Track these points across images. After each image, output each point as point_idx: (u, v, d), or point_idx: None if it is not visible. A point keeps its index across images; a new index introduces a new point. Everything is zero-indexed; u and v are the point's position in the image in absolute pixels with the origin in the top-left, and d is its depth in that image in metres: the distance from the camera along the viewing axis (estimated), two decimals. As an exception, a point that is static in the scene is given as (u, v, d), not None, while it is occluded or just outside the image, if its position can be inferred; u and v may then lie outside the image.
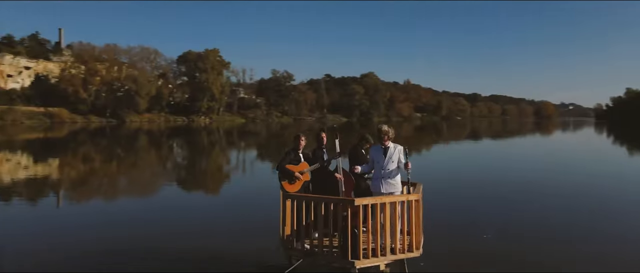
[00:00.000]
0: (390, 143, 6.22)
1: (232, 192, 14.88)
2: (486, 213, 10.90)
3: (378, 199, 5.73)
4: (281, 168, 6.35)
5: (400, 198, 5.97)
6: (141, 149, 34.21)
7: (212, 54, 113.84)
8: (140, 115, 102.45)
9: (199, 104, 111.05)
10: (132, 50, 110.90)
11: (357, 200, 5.56)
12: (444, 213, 10.21)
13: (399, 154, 6.19)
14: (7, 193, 14.17)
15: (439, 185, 13.19)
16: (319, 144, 6.69)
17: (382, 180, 6.14)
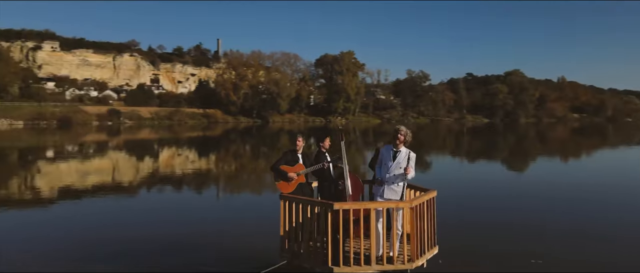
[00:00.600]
0: (403, 148, 5.83)
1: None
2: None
3: (361, 204, 5.53)
4: (275, 168, 6.30)
5: (388, 204, 5.58)
6: (283, 147, 35.82)
7: (347, 56, 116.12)
8: (282, 115, 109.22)
9: (335, 105, 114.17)
10: (275, 55, 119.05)
11: (336, 204, 5.30)
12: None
13: (408, 161, 5.76)
14: (179, 183, 15.77)
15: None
16: (320, 148, 6.56)
17: (385, 185, 5.80)
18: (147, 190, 14.86)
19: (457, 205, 10.96)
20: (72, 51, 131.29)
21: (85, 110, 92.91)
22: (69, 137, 48.44)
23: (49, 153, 29.61)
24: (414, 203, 5.57)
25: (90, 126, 79.33)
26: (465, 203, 11.60)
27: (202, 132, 60.49)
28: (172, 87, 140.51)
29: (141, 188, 14.97)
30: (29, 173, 19.27)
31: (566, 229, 8.79)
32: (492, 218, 9.84)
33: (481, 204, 11.63)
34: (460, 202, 11.54)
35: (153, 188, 15.11)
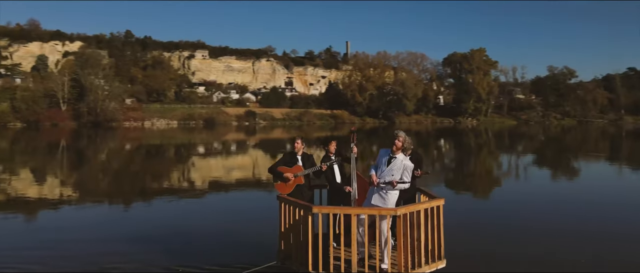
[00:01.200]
0: (399, 155, 5.49)
1: (502, 197, 13.05)
2: None
3: (342, 209, 5.44)
4: (272, 170, 6.29)
5: (369, 211, 5.30)
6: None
7: (477, 54, 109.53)
8: (408, 116, 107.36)
9: (464, 105, 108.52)
10: (400, 55, 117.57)
11: (315, 208, 5.16)
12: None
13: (403, 170, 5.38)
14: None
15: None
16: (327, 151, 6.52)
17: (375, 190, 5.48)
18: None
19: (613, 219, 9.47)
20: (219, 58, 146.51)
21: (226, 111, 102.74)
22: (213, 136, 53.94)
23: (200, 150, 33.35)
24: (399, 211, 5.15)
25: (231, 126, 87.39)
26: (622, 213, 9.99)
27: (329, 132, 62.40)
28: (305, 89, 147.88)
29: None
30: (185, 167, 21.85)
31: None
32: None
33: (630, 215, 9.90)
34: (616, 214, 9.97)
35: None
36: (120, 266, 6.39)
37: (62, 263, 6.52)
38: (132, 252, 7.11)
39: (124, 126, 78.15)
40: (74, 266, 6.40)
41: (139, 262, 6.53)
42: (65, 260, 6.69)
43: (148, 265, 6.39)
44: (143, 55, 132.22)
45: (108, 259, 6.69)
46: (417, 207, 5.44)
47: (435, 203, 5.59)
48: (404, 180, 5.34)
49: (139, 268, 6.28)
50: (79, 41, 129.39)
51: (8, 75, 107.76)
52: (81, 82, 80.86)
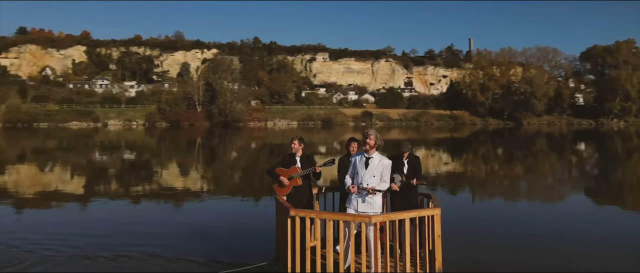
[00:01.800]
0: (375, 154, 5.32)
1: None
2: None
3: (318, 214, 5.25)
4: (270, 171, 6.23)
5: (346, 217, 5.12)
6: (540, 152, 31.97)
7: (624, 46, 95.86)
8: (538, 117, 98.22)
9: (608, 105, 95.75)
10: (528, 51, 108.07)
11: (292, 211, 5.07)
12: None
13: (382, 169, 5.26)
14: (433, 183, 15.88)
15: None
16: (347, 152, 6.25)
17: (357, 196, 5.29)
18: None
19: None
20: (338, 60, 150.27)
21: (343, 112, 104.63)
22: (331, 135, 55.35)
23: (322, 149, 34.35)
24: (374, 219, 4.86)
25: (347, 126, 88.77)
26: None
27: (449, 134, 59.88)
28: (425, 89, 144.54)
29: None
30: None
31: None
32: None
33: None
34: None
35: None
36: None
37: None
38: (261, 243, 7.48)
39: (249, 126, 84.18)
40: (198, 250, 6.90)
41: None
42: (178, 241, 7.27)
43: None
44: (269, 59, 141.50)
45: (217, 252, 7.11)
46: (401, 215, 5.15)
47: (426, 213, 5.29)
48: (382, 187, 5.21)
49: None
50: (214, 48, 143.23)
51: (159, 81, 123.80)
52: (213, 86, 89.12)
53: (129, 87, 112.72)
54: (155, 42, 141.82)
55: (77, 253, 6.86)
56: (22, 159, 25.39)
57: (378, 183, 5.24)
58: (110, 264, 6.38)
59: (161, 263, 6.39)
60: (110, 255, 6.73)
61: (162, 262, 6.44)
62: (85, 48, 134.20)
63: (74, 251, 6.96)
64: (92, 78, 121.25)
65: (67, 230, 8.32)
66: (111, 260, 6.53)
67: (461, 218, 9.68)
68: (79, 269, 6.20)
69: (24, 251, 6.96)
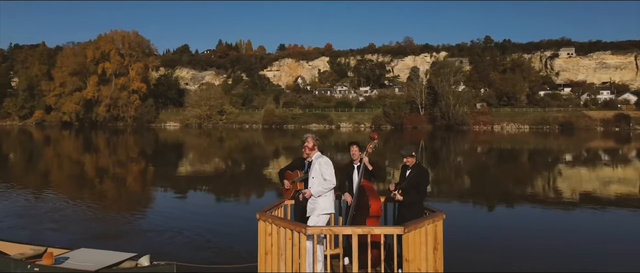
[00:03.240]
0: (314, 156, 5.40)
1: None
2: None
3: (273, 220, 4.93)
4: (280, 173, 6.26)
5: (289, 225, 4.75)
6: None
7: None
8: None
9: None
10: None
11: (258, 213, 5.07)
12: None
13: (320, 168, 5.23)
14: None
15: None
16: (351, 159, 5.98)
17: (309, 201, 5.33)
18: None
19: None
20: (588, 55, 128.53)
21: (589, 115, 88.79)
22: (573, 142, 48.23)
23: (568, 157, 30.53)
24: (312, 231, 4.64)
25: (594, 131, 75.19)
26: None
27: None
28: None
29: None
30: (550, 175, 20.75)
31: None
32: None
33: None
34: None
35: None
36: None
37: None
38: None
39: (473, 129, 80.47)
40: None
41: None
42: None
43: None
44: (502, 59, 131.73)
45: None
46: (343, 230, 4.86)
47: (392, 231, 4.71)
48: (322, 188, 5.10)
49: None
50: (443, 51, 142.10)
51: (390, 85, 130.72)
52: (435, 89, 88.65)
53: (363, 92, 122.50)
54: (386, 48, 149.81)
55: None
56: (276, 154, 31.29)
57: (319, 183, 5.16)
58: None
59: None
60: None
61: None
62: (328, 58, 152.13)
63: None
64: (333, 85, 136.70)
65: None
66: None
67: None
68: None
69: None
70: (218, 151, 34.91)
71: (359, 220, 5.47)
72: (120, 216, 10.36)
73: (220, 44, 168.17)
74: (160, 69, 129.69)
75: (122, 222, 9.74)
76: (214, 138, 52.91)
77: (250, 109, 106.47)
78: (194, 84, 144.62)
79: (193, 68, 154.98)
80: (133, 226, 9.37)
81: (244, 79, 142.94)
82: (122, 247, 6.81)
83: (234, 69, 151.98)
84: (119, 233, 8.59)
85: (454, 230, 7.84)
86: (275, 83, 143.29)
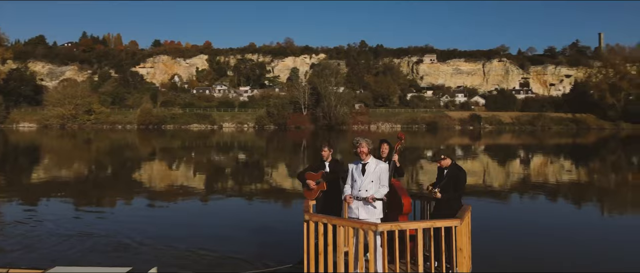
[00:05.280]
0: (371, 160, 5.35)
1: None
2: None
3: (328, 219, 5.15)
4: (299, 176, 6.42)
5: (354, 224, 5.06)
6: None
7: None
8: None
9: None
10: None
11: (307, 215, 5.23)
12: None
13: (380, 173, 5.30)
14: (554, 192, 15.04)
15: None
16: (378, 155, 6.02)
17: (358, 204, 5.31)
18: (520, 196, 14.44)
19: None
20: (447, 62, 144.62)
21: (449, 115, 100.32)
22: (437, 140, 53.48)
23: (429, 153, 33.29)
24: (380, 228, 4.82)
25: (453, 130, 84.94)
26: None
27: (572, 139, 54.22)
28: (544, 90, 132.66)
29: (514, 194, 14.76)
30: (413, 170, 21.97)
31: None
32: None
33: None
34: None
35: (525, 195, 14.56)
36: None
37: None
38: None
39: (352, 129, 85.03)
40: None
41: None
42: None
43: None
44: (375, 62, 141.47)
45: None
46: (412, 225, 5.10)
47: (441, 224, 5.11)
48: (381, 193, 5.24)
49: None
50: (322, 53, 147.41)
51: (270, 86, 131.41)
52: (318, 90, 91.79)
53: (243, 92, 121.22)
54: (267, 48, 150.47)
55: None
56: (153, 156, 29.36)
57: (377, 188, 5.29)
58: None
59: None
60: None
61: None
62: (207, 57, 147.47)
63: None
64: (212, 84, 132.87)
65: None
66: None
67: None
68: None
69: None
70: (84, 154, 31.61)
71: (391, 218, 5.71)
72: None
73: (85, 36, 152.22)
74: (7, 62, 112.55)
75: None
76: (79, 140, 47.71)
77: (123, 108, 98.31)
78: (52, 79, 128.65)
79: (50, 62, 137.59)
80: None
81: (113, 76, 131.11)
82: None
83: (100, 65, 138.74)
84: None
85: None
86: (149, 81, 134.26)
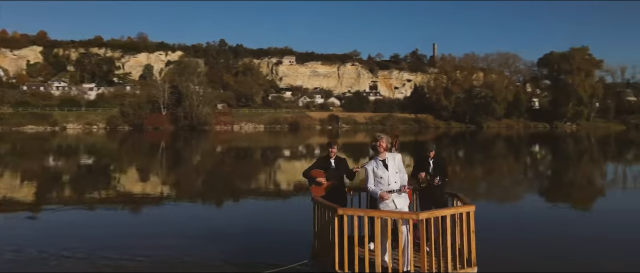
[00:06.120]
0: (389, 154, 5.69)
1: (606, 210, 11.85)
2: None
3: (365, 212, 5.61)
4: (306, 174, 6.56)
5: (394, 215, 5.39)
6: (499, 156, 33.27)
7: (578, 53, 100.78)
8: (498, 120, 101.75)
9: (562, 109, 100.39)
10: (490, 57, 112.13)
11: (340, 210, 5.34)
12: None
13: (399, 163, 5.66)
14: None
15: None
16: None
17: (391, 197, 5.54)
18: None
19: None
20: (305, 64, 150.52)
21: (311, 115, 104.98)
22: (298, 139, 55.45)
23: (286, 153, 34.52)
24: (421, 215, 5.26)
25: (314, 130, 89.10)
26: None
27: (413, 137, 61.18)
28: (389, 93, 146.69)
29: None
30: (271, 169, 22.76)
31: None
32: None
33: None
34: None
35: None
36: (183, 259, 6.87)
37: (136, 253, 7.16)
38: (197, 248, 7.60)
39: (215, 129, 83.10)
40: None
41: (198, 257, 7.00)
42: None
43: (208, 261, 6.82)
44: (235, 62, 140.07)
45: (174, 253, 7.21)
46: (443, 212, 5.52)
47: (463, 210, 5.61)
48: (405, 180, 5.64)
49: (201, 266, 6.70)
50: (179, 51, 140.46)
51: (120, 83, 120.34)
52: (179, 89, 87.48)
53: (88, 89, 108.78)
54: (117, 43, 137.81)
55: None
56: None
57: (401, 178, 5.63)
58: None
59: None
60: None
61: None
62: (41, 48, 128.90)
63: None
64: (48, 80, 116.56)
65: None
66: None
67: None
68: None
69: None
70: None
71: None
72: None
73: None
74: None
75: None
76: None
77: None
78: None
79: None
80: None
81: None
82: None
83: None
84: None
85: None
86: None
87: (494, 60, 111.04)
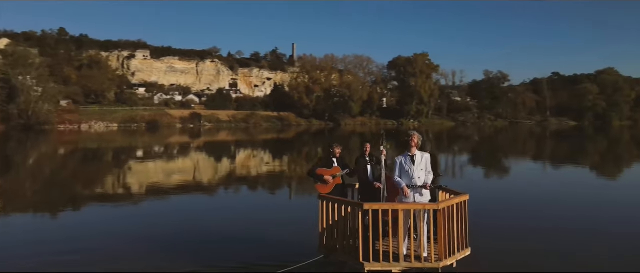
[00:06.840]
0: (417, 152, 6.10)
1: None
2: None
3: (390, 205, 5.95)
4: (312, 173, 6.91)
5: (415, 206, 5.85)
6: (355, 149, 36.15)
7: (420, 58, 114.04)
8: (354, 118, 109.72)
9: (407, 108, 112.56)
10: (347, 58, 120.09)
11: (366, 205, 5.71)
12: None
13: (427, 162, 6.09)
14: (254, 183, 16.75)
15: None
16: (362, 152, 7.10)
17: (412, 192, 5.98)
18: (225, 189, 15.93)
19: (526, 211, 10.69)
20: (161, 59, 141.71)
21: (171, 113, 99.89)
22: (156, 139, 52.45)
23: (139, 154, 32.50)
24: (440, 205, 5.84)
25: (175, 128, 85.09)
26: (544, 210, 11.26)
27: (276, 135, 62.56)
28: (250, 91, 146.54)
29: (218, 188, 16.03)
30: (121, 172, 21.40)
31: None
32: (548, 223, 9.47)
33: (563, 212, 11.18)
34: (536, 208, 11.24)
35: (230, 188, 16.18)
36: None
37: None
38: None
39: (58, 129, 73.86)
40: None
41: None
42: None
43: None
44: (78, 54, 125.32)
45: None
46: (452, 201, 6.09)
47: (463, 198, 6.30)
48: (430, 178, 6.07)
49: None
50: (6, 38, 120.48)
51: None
52: (11, 83, 75.48)
53: None
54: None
55: None
56: None
57: (426, 175, 6.04)
58: None
59: None
60: None
61: None
62: None
63: None
64: None
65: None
66: None
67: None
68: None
69: None
70: None
71: (392, 202, 6.47)
72: None
73: None
74: None
75: None
76: None
77: None
78: None
79: None
80: None
81: None
82: None
83: None
84: None
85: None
86: None
87: (350, 62, 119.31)
